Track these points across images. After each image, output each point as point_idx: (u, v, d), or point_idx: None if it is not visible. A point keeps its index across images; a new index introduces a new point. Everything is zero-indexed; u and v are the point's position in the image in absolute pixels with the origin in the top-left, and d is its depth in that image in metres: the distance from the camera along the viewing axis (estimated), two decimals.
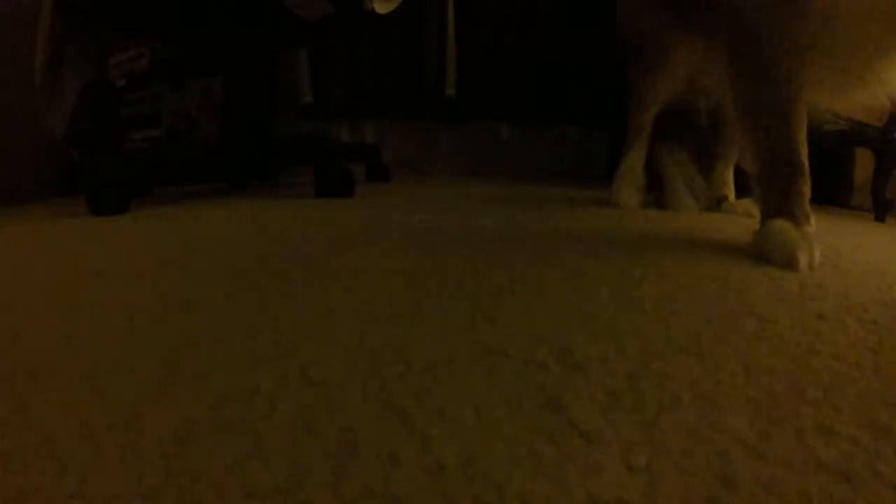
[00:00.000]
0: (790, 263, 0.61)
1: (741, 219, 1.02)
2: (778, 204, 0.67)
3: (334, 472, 0.22)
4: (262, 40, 1.25)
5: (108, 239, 0.71)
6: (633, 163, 1.17)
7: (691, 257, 0.65)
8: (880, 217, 1.62)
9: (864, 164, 1.93)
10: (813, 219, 0.68)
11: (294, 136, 1.35)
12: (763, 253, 0.65)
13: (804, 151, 0.68)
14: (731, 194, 1.12)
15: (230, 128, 1.30)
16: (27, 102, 1.12)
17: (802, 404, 0.28)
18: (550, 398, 0.28)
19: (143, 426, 0.25)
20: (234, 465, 0.23)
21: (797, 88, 0.67)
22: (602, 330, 0.38)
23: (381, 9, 1.13)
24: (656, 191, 1.14)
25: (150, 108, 1.27)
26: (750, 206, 0.99)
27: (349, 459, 0.23)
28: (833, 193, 2.06)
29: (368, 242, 0.66)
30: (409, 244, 0.66)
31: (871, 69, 0.68)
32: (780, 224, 0.66)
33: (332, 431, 0.25)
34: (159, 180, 1.15)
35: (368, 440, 0.24)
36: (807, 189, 0.68)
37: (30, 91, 1.09)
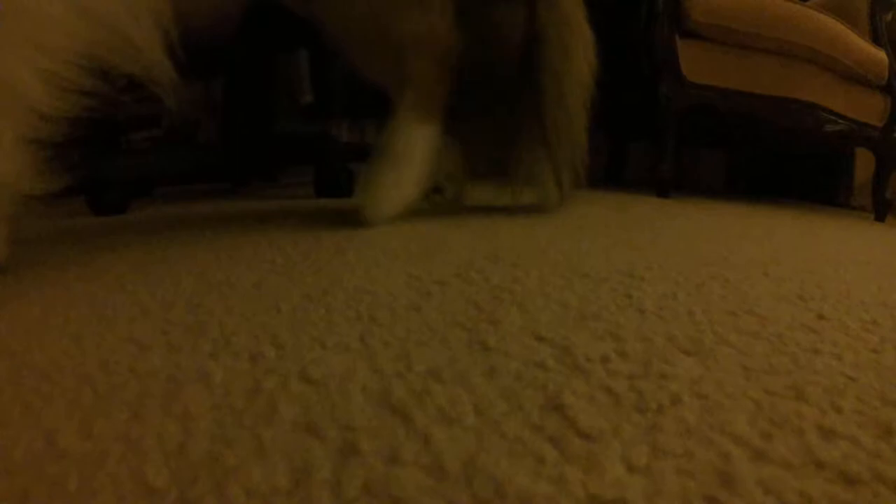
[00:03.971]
0: None
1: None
2: None
3: (335, 471, 0.22)
4: (263, 40, 1.25)
5: (110, 238, 0.71)
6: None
7: (693, 257, 0.65)
8: (880, 217, 1.62)
9: (864, 164, 1.93)
10: None
11: (294, 136, 1.35)
12: None
13: None
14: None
15: (230, 128, 1.30)
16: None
17: (802, 404, 0.28)
18: (550, 398, 0.28)
19: (144, 426, 0.25)
20: (235, 466, 0.23)
21: None
22: (602, 330, 0.38)
23: None
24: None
25: (150, 109, 1.27)
26: None
27: (349, 459, 0.23)
28: (833, 193, 2.06)
29: (368, 241, 0.66)
30: (409, 243, 0.66)
31: None
32: None
33: (333, 431, 0.25)
34: (159, 180, 1.15)
35: (368, 440, 0.24)
36: None
37: None
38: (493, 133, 0.90)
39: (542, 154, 0.88)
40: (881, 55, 1.57)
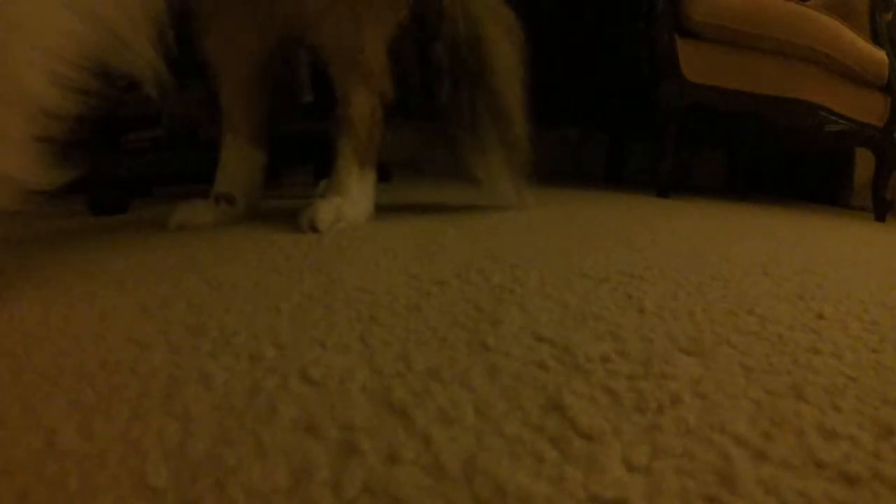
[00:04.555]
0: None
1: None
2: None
3: (335, 471, 0.22)
4: None
5: (110, 238, 0.71)
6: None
7: (693, 257, 0.65)
8: (880, 217, 1.62)
9: (864, 164, 1.93)
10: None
11: (294, 136, 1.35)
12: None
13: None
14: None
15: None
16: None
17: (802, 404, 0.28)
18: (550, 398, 0.28)
19: (144, 426, 0.25)
20: (235, 465, 0.23)
21: None
22: (602, 330, 0.38)
23: None
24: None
25: (150, 108, 1.27)
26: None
27: (350, 459, 0.23)
28: (833, 193, 2.06)
29: (368, 241, 0.66)
30: (409, 243, 0.66)
31: None
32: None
33: (333, 431, 0.25)
34: (159, 180, 1.15)
35: (368, 440, 0.24)
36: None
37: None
38: (444, 135, 0.92)
39: (486, 151, 0.90)
40: (881, 55, 1.56)
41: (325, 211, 0.74)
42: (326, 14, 0.74)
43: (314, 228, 0.72)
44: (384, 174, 1.54)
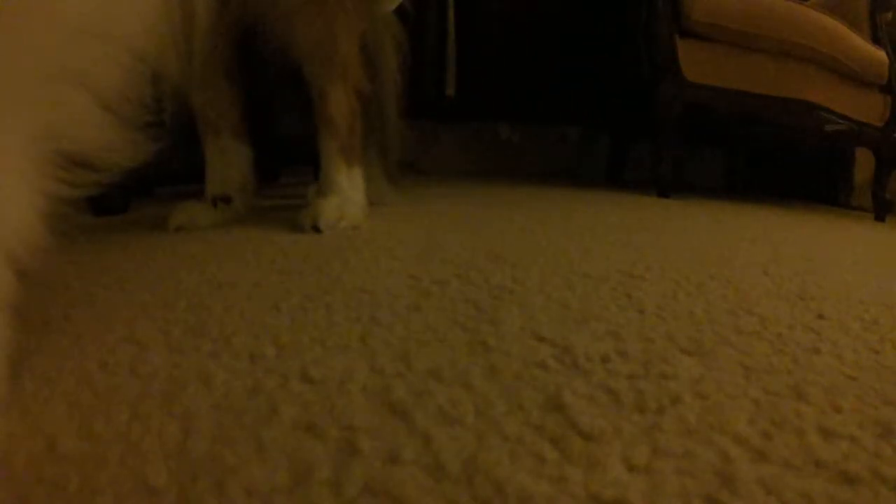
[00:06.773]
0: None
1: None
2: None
3: (335, 471, 0.22)
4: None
5: (110, 238, 0.71)
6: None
7: (693, 257, 0.65)
8: (880, 217, 1.62)
9: (864, 164, 1.93)
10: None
11: (294, 136, 1.35)
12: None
13: None
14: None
15: None
16: None
17: (802, 404, 0.28)
18: (550, 398, 0.28)
19: (144, 426, 0.25)
20: (235, 465, 0.23)
21: None
22: (602, 330, 0.38)
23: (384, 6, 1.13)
24: None
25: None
26: None
27: (350, 459, 0.23)
28: (833, 193, 2.06)
29: (368, 241, 0.66)
30: (409, 243, 0.66)
31: None
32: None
33: (333, 431, 0.25)
34: (159, 180, 1.15)
35: (369, 439, 0.24)
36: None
37: None
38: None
39: (365, 152, 0.92)
40: (881, 55, 1.57)
41: (328, 211, 0.74)
42: (299, 12, 0.74)
43: (316, 228, 0.72)
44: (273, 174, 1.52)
